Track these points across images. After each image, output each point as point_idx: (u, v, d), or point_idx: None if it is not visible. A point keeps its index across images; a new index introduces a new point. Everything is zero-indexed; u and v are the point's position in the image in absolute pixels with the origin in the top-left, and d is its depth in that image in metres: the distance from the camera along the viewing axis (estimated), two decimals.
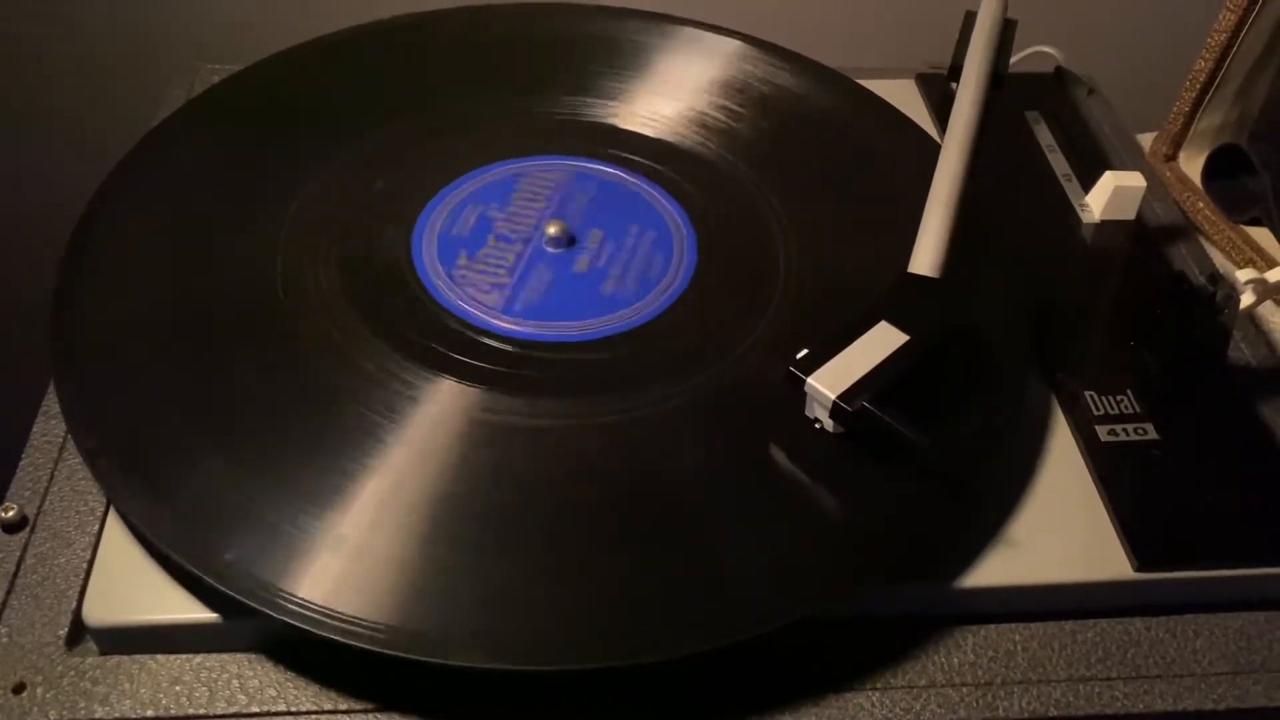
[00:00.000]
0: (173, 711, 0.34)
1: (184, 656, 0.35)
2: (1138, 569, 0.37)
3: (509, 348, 0.41)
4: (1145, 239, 0.49)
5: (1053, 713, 0.36)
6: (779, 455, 0.38)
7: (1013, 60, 0.53)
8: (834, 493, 0.37)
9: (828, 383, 0.37)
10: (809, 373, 0.37)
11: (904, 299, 0.40)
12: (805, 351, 0.37)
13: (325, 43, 0.52)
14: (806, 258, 0.45)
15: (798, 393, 0.37)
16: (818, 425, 0.38)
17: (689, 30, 0.53)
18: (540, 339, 0.41)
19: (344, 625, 0.33)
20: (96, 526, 0.38)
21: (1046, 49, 0.56)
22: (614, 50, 0.53)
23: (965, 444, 0.39)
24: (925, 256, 0.41)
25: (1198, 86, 0.54)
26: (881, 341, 0.38)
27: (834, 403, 0.36)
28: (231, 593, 0.33)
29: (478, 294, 0.42)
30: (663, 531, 0.36)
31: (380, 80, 0.51)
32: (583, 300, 0.43)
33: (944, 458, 0.37)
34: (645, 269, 0.44)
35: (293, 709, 0.34)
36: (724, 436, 0.39)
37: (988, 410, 0.40)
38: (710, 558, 0.35)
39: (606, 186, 0.47)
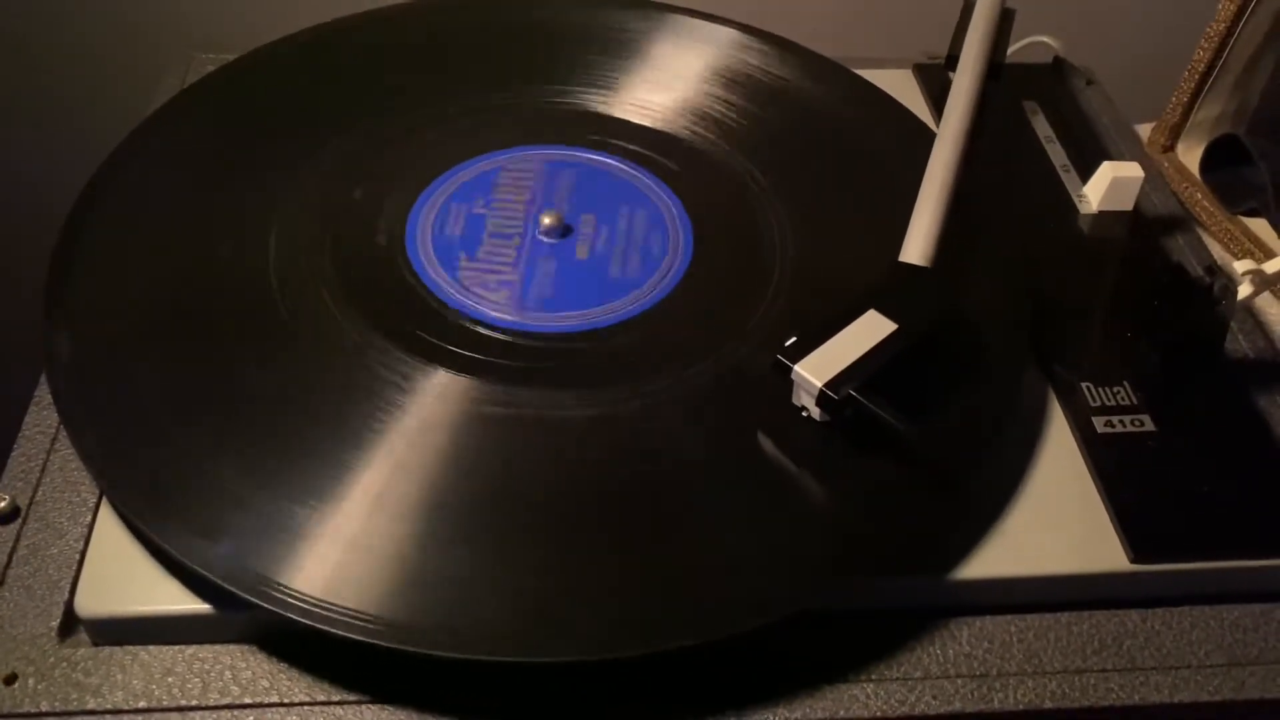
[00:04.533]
0: (165, 703, 0.34)
1: (177, 648, 0.35)
2: (1134, 560, 0.37)
3: (502, 338, 0.40)
4: (1143, 230, 0.49)
5: (1048, 704, 0.36)
6: (771, 446, 0.38)
7: (1010, 50, 0.53)
8: (829, 485, 0.37)
9: (814, 370, 0.36)
10: (796, 360, 0.37)
11: (894, 288, 0.39)
12: (793, 339, 0.37)
13: (319, 32, 0.52)
14: (801, 248, 0.44)
15: (785, 380, 0.37)
16: (805, 413, 0.37)
17: (684, 19, 0.53)
18: (533, 330, 0.41)
19: (338, 617, 0.33)
20: (89, 517, 0.38)
21: (1044, 39, 0.56)
22: (607, 39, 0.52)
23: (961, 435, 0.38)
24: (916, 245, 0.41)
25: (1196, 77, 0.53)
26: (870, 330, 0.38)
27: (820, 390, 0.36)
28: (225, 584, 0.33)
29: (485, 291, 0.42)
30: (658, 524, 0.36)
31: (372, 71, 0.51)
32: (591, 286, 0.42)
33: (939, 448, 0.37)
34: (645, 247, 0.43)
35: (286, 700, 0.34)
36: (719, 428, 0.39)
37: (984, 401, 0.40)
38: (706, 550, 0.35)
39: (612, 181, 0.47)
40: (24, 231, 0.68)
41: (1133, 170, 0.49)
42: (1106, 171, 0.49)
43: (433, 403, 0.38)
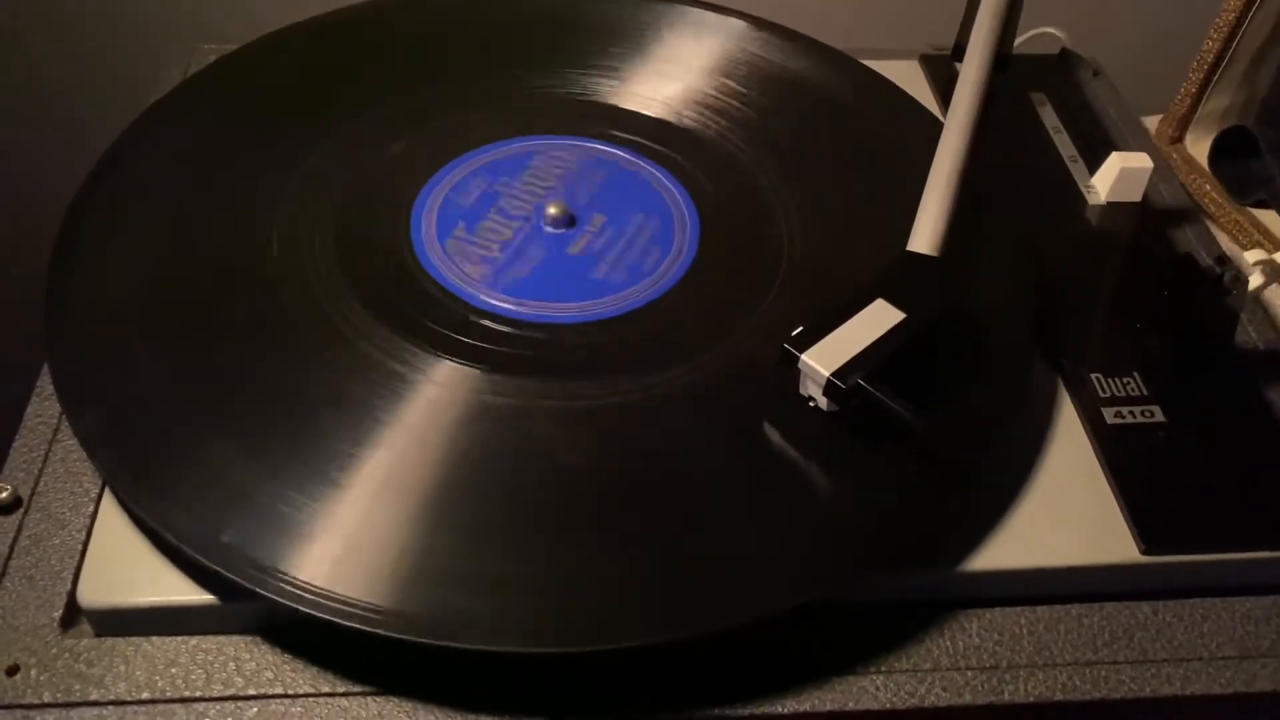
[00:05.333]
0: (169, 694, 0.34)
1: (180, 639, 0.35)
2: (1144, 552, 0.37)
3: (507, 328, 0.40)
4: (1151, 221, 0.49)
5: (1058, 697, 0.35)
6: (778, 437, 0.37)
7: (1018, 41, 0.53)
8: (839, 477, 0.37)
9: (822, 360, 0.36)
10: (803, 349, 0.36)
11: (901, 277, 0.39)
12: (800, 329, 0.37)
13: (321, 23, 0.52)
14: (809, 238, 0.44)
15: (792, 370, 0.37)
16: (812, 404, 0.37)
17: (692, 10, 0.53)
18: (541, 319, 0.41)
19: (342, 607, 0.32)
20: (91, 507, 0.37)
21: (1052, 30, 0.56)
22: (617, 30, 0.52)
23: (971, 426, 0.38)
24: (924, 235, 0.41)
25: (1205, 68, 0.53)
26: (877, 319, 0.37)
27: (828, 380, 0.36)
28: (228, 574, 0.33)
29: (467, 265, 0.42)
30: (665, 514, 0.36)
31: (376, 61, 0.51)
32: (570, 283, 0.42)
33: (948, 439, 0.37)
34: (640, 260, 0.43)
35: (290, 691, 0.34)
36: (727, 419, 0.38)
37: (992, 392, 0.40)
38: (713, 541, 0.35)
39: (617, 172, 0.47)
40: (25, 221, 0.68)
41: (1141, 161, 0.48)
42: (1115, 162, 0.48)
43: (436, 392, 0.38)
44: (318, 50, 0.51)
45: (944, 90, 0.54)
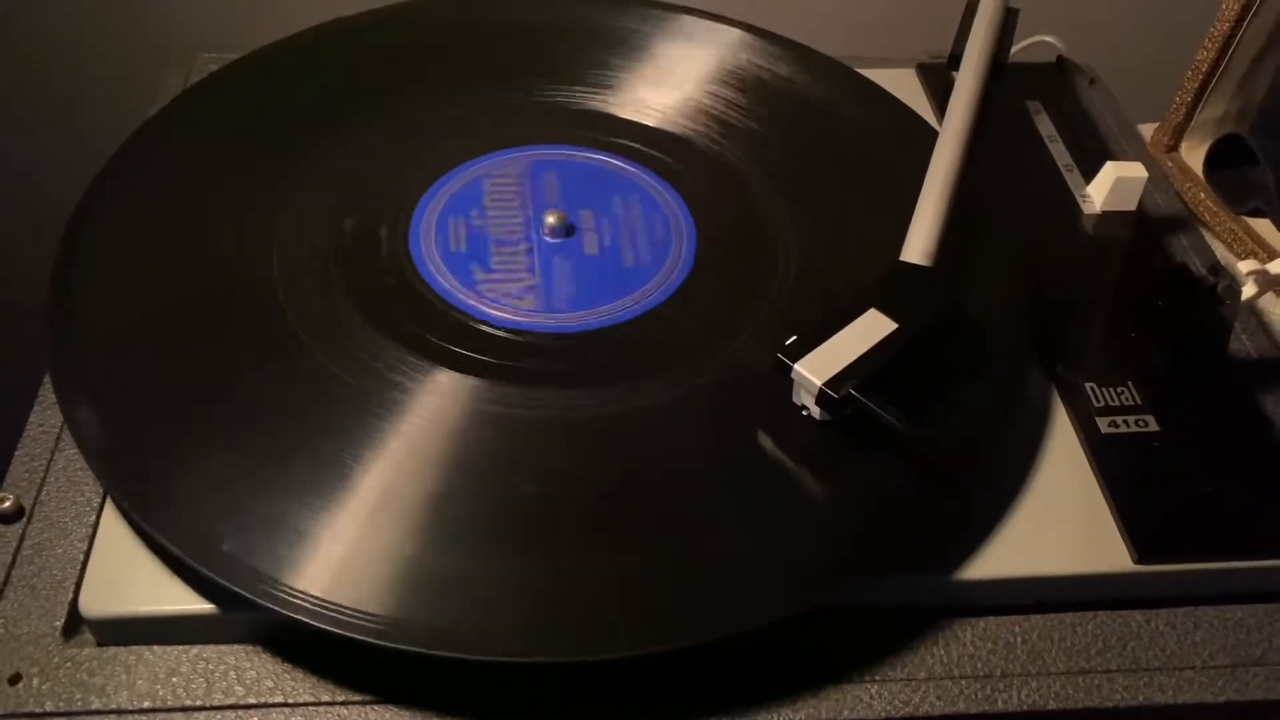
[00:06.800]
0: (170, 703, 0.34)
1: (181, 648, 0.35)
2: (1137, 561, 0.37)
3: (504, 338, 0.40)
4: (1147, 230, 0.49)
5: (1052, 705, 0.36)
6: (772, 445, 0.38)
7: (1014, 49, 0.53)
8: (831, 484, 0.37)
9: (814, 369, 0.36)
10: (796, 359, 0.37)
11: (894, 287, 0.39)
12: (794, 338, 0.37)
13: (320, 33, 0.52)
14: (804, 247, 0.44)
15: (785, 379, 0.37)
16: (805, 412, 0.37)
17: (688, 19, 0.53)
18: (537, 329, 0.41)
19: (342, 617, 0.33)
20: (93, 517, 0.38)
21: (1048, 38, 0.56)
22: (615, 39, 0.52)
23: (965, 434, 0.38)
24: (918, 244, 0.41)
25: (1200, 76, 0.53)
26: (870, 329, 0.38)
27: (820, 389, 0.36)
28: (229, 584, 0.33)
29: (464, 275, 0.42)
30: (660, 524, 0.36)
31: (374, 70, 0.51)
32: (568, 290, 0.42)
33: (942, 448, 0.37)
34: (636, 267, 0.43)
35: (290, 700, 0.34)
36: (723, 428, 0.39)
37: (988, 400, 0.40)
38: (709, 549, 0.35)
39: (615, 180, 0.47)
40: (26, 231, 0.68)
41: (1136, 170, 0.48)
42: (1110, 171, 0.49)
43: (435, 403, 0.38)
44: (316, 60, 0.51)
45: (940, 99, 0.54)
